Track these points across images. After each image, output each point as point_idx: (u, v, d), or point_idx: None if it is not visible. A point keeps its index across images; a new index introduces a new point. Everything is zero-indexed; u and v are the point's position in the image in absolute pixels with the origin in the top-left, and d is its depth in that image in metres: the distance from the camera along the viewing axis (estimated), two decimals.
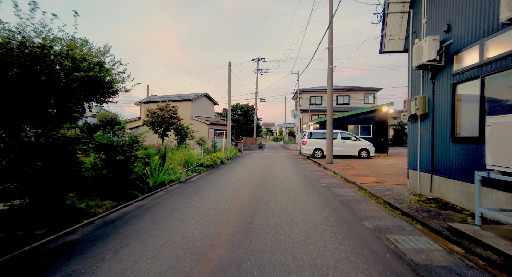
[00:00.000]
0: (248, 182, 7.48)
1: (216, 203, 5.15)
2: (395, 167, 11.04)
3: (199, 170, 9.84)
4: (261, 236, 3.41)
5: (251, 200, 5.36)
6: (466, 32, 4.44)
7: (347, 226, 3.85)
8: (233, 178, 8.40)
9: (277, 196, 5.73)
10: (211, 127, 22.07)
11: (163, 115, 16.47)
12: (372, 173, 9.16)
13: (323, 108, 31.03)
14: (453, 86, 4.76)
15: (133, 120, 26.26)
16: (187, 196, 5.80)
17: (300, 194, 6.00)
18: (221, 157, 13.43)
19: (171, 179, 7.61)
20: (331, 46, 11.94)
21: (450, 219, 4.03)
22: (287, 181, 7.65)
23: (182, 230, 3.67)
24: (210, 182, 7.64)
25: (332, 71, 11.98)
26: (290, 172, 9.65)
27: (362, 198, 5.70)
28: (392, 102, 17.09)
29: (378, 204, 5.24)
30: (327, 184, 7.33)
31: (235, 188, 6.62)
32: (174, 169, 8.70)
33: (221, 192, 6.15)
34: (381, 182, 7.50)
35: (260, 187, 6.78)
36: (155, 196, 5.99)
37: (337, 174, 9.21)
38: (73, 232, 3.72)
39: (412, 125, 6.29)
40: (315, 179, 8.28)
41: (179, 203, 5.24)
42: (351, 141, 15.62)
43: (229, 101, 19.92)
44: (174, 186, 7.16)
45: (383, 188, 6.59)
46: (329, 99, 12.08)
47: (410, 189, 6.30)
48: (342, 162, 13.00)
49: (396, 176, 8.54)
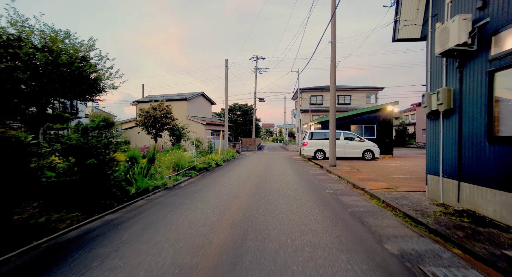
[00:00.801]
0: (243, 189, 6.60)
1: (201, 218, 4.27)
2: (404, 170, 10.19)
3: (190, 174, 8.96)
4: (254, 271, 2.53)
5: (244, 213, 4.48)
6: (509, 6, 3.59)
7: (366, 252, 2.98)
8: (227, 183, 7.52)
9: (276, 207, 4.85)
10: (208, 128, 21.19)
11: (155, 114, 15.59)
12: (381, 177, 8.29)
13: (323, 108, 30.20)
14: (489, 74, 3.90)
15: (129, 121, 25.40)
16: (169, 207, 4.92)
17: (302, 204, 5.13)
18: (217, 159, 12.56)
19: (156, 185, 6.73)
20: (334, 40, 11.10)
21: (497, 242, 3.15)
22: (287, 187, 6.78)
23: (149, 259, 2.79)
24: (200, 189, 6.76)
25: (335, 67, 11.14)
26: (290, 176, 8.78)
27: (376, 209, 4.82)
28: (397, 101, 16.26)
29: (396, 217, 4.37)
30: (332, 191, 6.46)
31: (228, 197, 5.74)
32: (161, 173, 7.83)
33: (211, 202, 5.27)
34: (393, 188, 6.64)
35: (257, 195, 5.91)
36: (133, 206, 5.11)
37: (343, 179, 8.34)
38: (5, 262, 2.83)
39: (432, 124, 5.42)
40: (318, 184, 7.41)
41: (157, 217, 4.36)
42: (354, 142, 14.76)
43: (226, 100, 19.06)
44: (158, 194, 6.28)
45: (398, 195, 5.73)
46: (332, 96, 11.22)
47: (429, 198, 5.44)
48: (346, 165, 12.13)
49: (407, 180, 7.68)
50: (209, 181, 8.09)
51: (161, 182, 6.93)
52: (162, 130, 16.54)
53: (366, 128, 16.63)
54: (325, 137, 14.98)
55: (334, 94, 11.16)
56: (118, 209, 4.86)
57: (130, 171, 6.88)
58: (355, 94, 30.93)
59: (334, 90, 11.16)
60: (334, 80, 11.11)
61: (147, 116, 15.76)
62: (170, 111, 16.55)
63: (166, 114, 16.24)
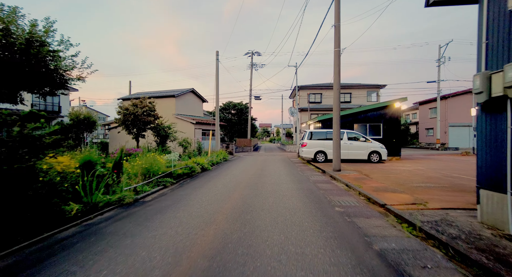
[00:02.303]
0: (224, 207, 4.95)
1: (140, 270, 2.61)
2: (420, 175, 8.61)
3: (164, 182, 7.27)
4: None
5: (212, 258, 2.83)
6: None
7: None
8: (206, 196, 5.87)
9: (265, 244, 3.20)
10: (198, 127, 19.48)
11: (136, 112, 13.86)
12: (399, 187, 6.70)
13: (323, 106, 28.66)
14: None
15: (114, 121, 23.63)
16: (101, 246, 3.24)
17: (305, 236, 3.48)
18: (203, 162, 10.87)
19: (109, 201, 5.06)
20: (338, 23, 9.49)
21: None
22: (283, 204, 5.13)
23: None
24: (168, 206, 5.09)
25: (339, 55, 9.53)
26: (287, 185, 7.14)
27: (415, 246, 3.20)
28: (406, 97, 14.72)
29: (456, 265, 2.74)
30: (343, 209, 4.83)
31: (198, 222, 4.08)
32: (127, 183, 6.15)
33: (168, 234, 3.59)
34: (421, 203, 5.05)
35: (240, 218, 4.25)
36: (48, 242, 3.41)
37: (352, 188, 6.72)
38: None
39: (489, 117, 3.82)
40: (323, 197, 5.78)
41: (63, 272, 2.69)
42: (359, 143, 13.18)
43: (217, 95, 17.35)
44: (108, 215, 4.60)
45: (434, 216, 4.13)
46: (336, 89, 9.61)
47: (484, 222, 3.83)
48: (351, 168, 10.53)
49: (433, 191, 6.09)
50: (185, 192, 6.42)
51: (116, 197, 5.24)
52: (144, 129, 14.83)
53: (371, 127, 15.06)
54: (327, 137, 13.38)
55: (338, 86, 9.55)
56: (17, 248, 3.16)
57: (80, 181, 5.21)
58: (355, 92, 29.42)
59: (338, 82, 9.54)
60: (338, 70, 9.50)
61: (127, 113, 14.04)
62: (154, 108, 14.85)
63: (149, 111, 14.53)
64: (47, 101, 25.68)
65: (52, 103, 25.52)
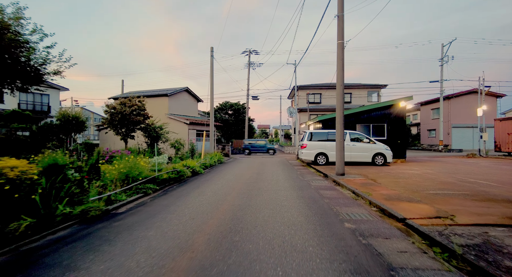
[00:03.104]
0: (209, 223, 4.05)
1: None
2: (432, 180, 7.76)
3: (145, 189, 6.36)
4: None
5: None
6: None
7: None
8: (190, 207, 4.96)
9: None
10: (192, 128, 18.57)
11: (124, 111, 12.92)
12: (413, 194, 5.83)
13: (322, 107, 27.89)
14: None
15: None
16: None
17: (310, 270, 2.58)
18: (194, 165, 9.96)
19: (69, 214, 4.15)
20: (341, 13, 8.66)
21: None
22: (282, 219, 4.24)
23: None
24: (138, 222, 4.18)
25: (343, 48, 8.69)
26: (286, 193, 6.25)
27: None
28: (411, 96, 13.92)
29: None
30: (354, 225, 3.94)
31: (170, 248, 3.16)
32: (92, 191, 5.23)
33: (124, 268, 2.68)
34: (446, 217, 4.20)
35: (226, 240, 3.35)
36: None
37: (361, 197, 5.84)
38: None
39: None
40: (328, 208, 4.90)
41: None
42: (363, 144, 12.33)
43: (212, 93, 16.45)
44: (61, 234, 3.68)
45: (474, 238, 3.26)
46: (339, 85, 8.76)
47: None
48: (355, 172, 9.66)
49: (454, 200, 5.23)
50: (167, 201, 5.51)
51: (79, 209, 4.32)
52: (133, 130, 13.90)
53: (374, 127, 14.23)
54: (328, 138, 12.52)
55: (342, 82, 8.70)
56: None
57: (39, 189, 4.30)
58: (356, 92, 28.66)
59: (342, 77, 8.70)
60: (342, 65, 8.66)
61: (114, 113, 13.10)
62: (143, 107, 13.92)
63: (138, 110, 13.60)
64: (36, 100, 24.62)
65: (41, 102, 24.48)
